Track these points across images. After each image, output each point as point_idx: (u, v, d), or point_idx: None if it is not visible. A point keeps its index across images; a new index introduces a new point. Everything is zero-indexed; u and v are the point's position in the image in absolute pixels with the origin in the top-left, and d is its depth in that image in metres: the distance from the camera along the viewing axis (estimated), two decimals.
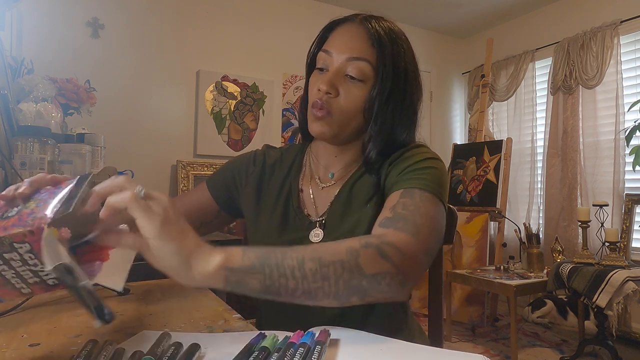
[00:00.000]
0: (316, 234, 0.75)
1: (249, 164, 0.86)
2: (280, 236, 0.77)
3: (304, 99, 0.81)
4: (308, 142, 0.87)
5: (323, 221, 0.76)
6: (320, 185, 0.81)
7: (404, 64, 0.76)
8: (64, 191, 0.46)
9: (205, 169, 2.81)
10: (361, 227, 0.73)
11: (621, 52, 2.86)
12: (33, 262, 0.41)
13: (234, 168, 0.86)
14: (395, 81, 0.74)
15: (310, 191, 0.81)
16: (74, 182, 0.47)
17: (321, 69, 0.76)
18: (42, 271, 0.42)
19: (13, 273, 0.42)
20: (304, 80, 0.83)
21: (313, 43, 0.81)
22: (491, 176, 3.04)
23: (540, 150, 3.35)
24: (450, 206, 0.87)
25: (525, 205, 3.38)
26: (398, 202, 0.65)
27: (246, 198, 0.83)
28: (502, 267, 2.61)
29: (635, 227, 2.64)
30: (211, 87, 2.90)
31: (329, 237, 0.75)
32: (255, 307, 0.90)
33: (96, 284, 0.45)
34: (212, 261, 0.48)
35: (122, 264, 0.49)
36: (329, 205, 0.78)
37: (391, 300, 0.56)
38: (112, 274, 0.47)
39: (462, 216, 3.02)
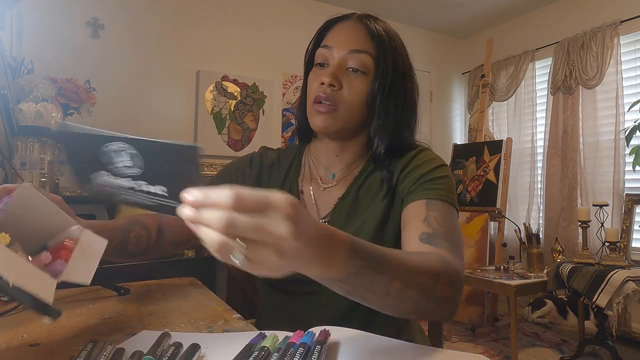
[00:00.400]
0: None
1: (245, 168, 0.85)
2: None
3: (303, 98, 0.81)
4: (306, 143, 0.86)
5: (326, 222, 0.75)
6: (322, 186, 0.80)
7: (401, 59, 0.77)
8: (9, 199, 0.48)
9: (205, 169, 2.81)
10: (366, 228, 0.72)
11: (621, 52, 2.86)
12: None
13: (231, 173, 0.86)
14: (395, 75, 0.75)
15: (311, 192, 0.80)
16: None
17: (321, 65, 0.76)
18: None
19: None
20: (303, 80, 0.83)
21: (310, 42, 0.81)
22: (491, 176, 3.04)
23: (540, 150, 3.35)
24: None
25: (525, 205, 3.38)
26: (429, 215, 0.65)
27: None
28: (502, 267, 2.61)
29: (635, 227, 2.64)
30: (211, 87, 2.90)
31: None
32: (255, 307, 0.90)
33: (64, 282, 0.46)
34: (312, 271, 0.41)
35: (89, 259, 0.50)
36: (332, 207, 0.77)
37: (441, 321, 0.56)
38: (79, 269, 0.47)
39: (462, 216, 3.02)
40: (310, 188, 0.81)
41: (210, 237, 0.34)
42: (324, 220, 0.76)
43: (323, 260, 0.39)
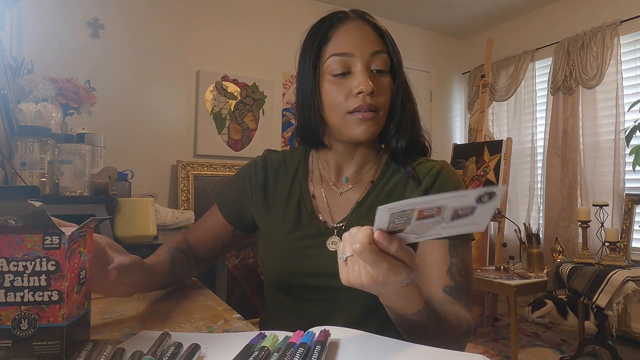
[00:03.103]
0: (333, 242, 0.73)
1: (251, 176, 0.83)
2: (294, 242, 0.75)
3: (310, 106, 0.75)
4: (310, 147, 0.84)
5: (343, 227, 0.74)
6: (336, 190, 0.79)
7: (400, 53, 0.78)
8: None
9: (205, 169, 2.81)
10: None
11: (621, 52, 2.86)
12: None
13: (238, 182, 0.85)
14: (402, 70, 0.76)
15: (324, 196, 0.79)
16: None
17: (344, 73, 0.72)
18: None
19: None
20: (304, 88, 0.76)
21: (312, 50, 0.74)
22: (491, 176, 3.04)
23: (540, 150, 3.35)
24: None
25: (525, 205, 3.38)
26: (452, 264, 0.68)
27: (257, 208, 0.82)
28: (502, 267, 2.61)
29: (635, 227, 2.64)
30: (211, 87, 2.90)
31: None
32: (255, 307, 0.89)
33: None
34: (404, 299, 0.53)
35: None
36: (349, 212, 0.75)
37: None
38: None
39: None
40: (322, 191, 0.79)
41: None
42: (340, 224, 0.75)
43: (416, 294, 0.52)
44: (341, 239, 0.73)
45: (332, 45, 0.73)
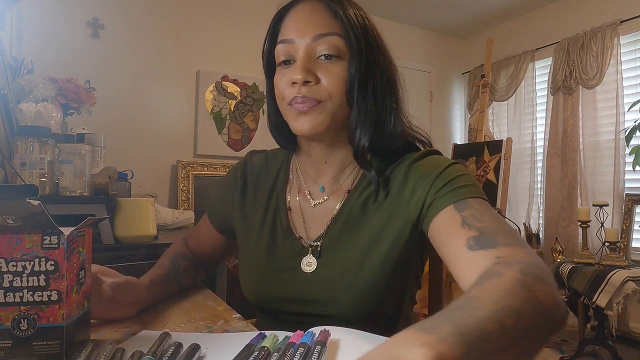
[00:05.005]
0: (308, 263, 0.66)
1: (231, 183, 0.79)
2: (269, 263, 0.69)
3: (272, 106, 0.71)
4: (292, 150, 0.77)
5: (318, 247, 0.66)
6: (312, 202, 0.70)
7: (372, 32, 0.66)
8: None
9: (205, 169, 2.81)
10: (371, 256, 0.63)
11: (621, 52, 2.86)
12: None
13: (221, 190, 0.81)
14: (370, 53, 0.64)
15: (300, 209, 0.71)
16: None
17: (287, 62, 0.65)
18: None
19: None
20: (267, 86, 0.73)
21: (265, 41, 0.71)
22: (491, 176, 3.04)
23: (540, 150, 3.35)
24: None
25: (525, 205, 3.38)
26: (465, 217, 0.55)
27: (237, 220, 0.77)
28: None
29: (635, 227, 2.64)
30: (211, 87, 2.90)
31: (324, 268, 0.65)
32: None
33: None
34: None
35: None
36: (325, 229, 0.67)
37: (558, 332, 0.42)
38: None
39: None
40: (299, 202, 0.72)
41: None
42: (315, 243, 0.67)
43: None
44: (317, 260, 0.66)
45: (281, 32, 0.67)
